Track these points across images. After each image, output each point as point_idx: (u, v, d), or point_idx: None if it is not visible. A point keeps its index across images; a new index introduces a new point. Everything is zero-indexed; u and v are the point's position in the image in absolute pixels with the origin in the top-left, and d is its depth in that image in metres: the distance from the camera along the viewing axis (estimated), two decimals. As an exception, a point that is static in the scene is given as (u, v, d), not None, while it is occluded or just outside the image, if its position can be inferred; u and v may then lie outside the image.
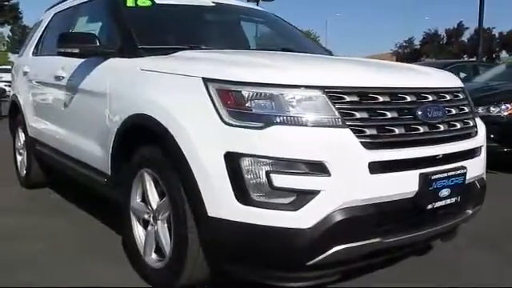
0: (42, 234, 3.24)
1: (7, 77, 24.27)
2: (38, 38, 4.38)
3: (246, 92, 1.95)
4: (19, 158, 4.69)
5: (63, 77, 3.30)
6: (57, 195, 4.29)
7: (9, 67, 33.31)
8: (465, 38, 50.34)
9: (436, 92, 2.25)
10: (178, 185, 2.13)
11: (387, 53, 50.47)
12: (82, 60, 3.02)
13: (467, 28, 49.62)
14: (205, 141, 1.99)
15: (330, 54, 3.56)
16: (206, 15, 3.38)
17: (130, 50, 2.69)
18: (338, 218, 1.88)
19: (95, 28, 3.19)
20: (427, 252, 2.83)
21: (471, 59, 26.66)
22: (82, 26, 3.43)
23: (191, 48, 2.73)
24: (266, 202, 1.89)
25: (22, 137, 4.55)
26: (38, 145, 4.01)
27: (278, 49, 3.06)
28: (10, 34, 67.38)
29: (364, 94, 2.00)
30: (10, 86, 20.38)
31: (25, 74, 4.30)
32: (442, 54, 43.31)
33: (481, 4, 14.95)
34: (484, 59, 19.77)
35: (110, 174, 2.72)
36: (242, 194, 1.90)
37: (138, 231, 2.54)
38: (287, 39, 3.51)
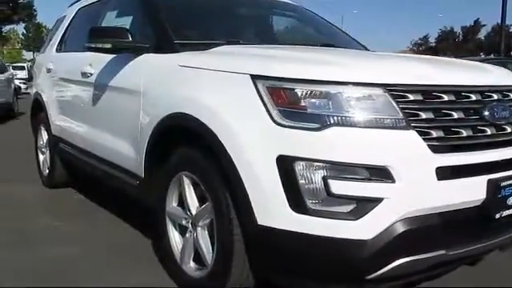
0: (70, 237, 3.13)
1: (22, 74, 24.49)
2: (61, 34, 4.26)
3: (300, 90, 1.79)
4: (41, 156, 4.59)
5: (91, 73, 3.17)
6: (81, 195, 4.18)
7: (23, 65, 33.66)
8: (481, 35, 49.65)
9: (500, 90, 2.07)
10: (223, 190, 1.98)
11: (403, 50, 49.88)
12: (112, 56, 2.88)
13: (484, 25, 48.92)
14: (254, 143, 1.84)
15: (366, 49, 3.40)
16: (241, 9, 3.22)
17: (165, 46, 2.54)
18: (402, 228, 1.71)
19: (125, 23, 3.04)
20: (478, 262, 2.65)
21: (488, 56, 26.18)
22: (111, 20, 3.29)
23: (229, 43, 2.57)
24: (323, 210, 1.73)
25: (44, 135, 4.44)
26: (62, 144, 3.89)
27: (317, 44, 2.89)
28: (25, 31, 68.03)
29: (428, 92, 1.83)
30: (24, 83, 20.49)
31: (48, 70, 4.19)
32: (458, 52, 42.76)
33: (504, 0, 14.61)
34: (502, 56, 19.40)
35: (142, 176, 2.58)
36: (296, 201, 1.75)
37: (175, 237, 2.39)
38: (324, 34, 3.33)
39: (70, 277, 2.53)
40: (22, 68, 29.88)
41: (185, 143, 2.23)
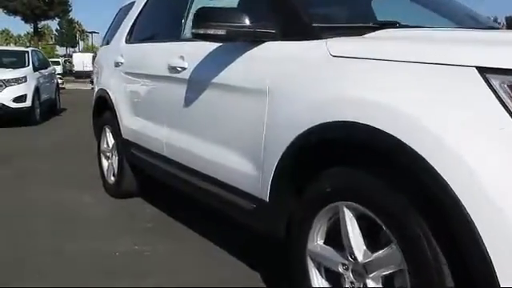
0: (162, 265, 2.59)
1: (57, 69, 24.68)
2: (131, 23, 3.70)
3: None
4: (105, 162, 4.07)
5: (183, 68, 2.60)
6: (154, 208, 3.65)
7: (58, 60, 34.11)
8: (526, 24, 47.32)
9: None
10: (427, 233, 1.37)
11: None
12: (216, 46, 2.31)
13: (531, 13, 46.64)
14: (496, 169, 1.22)
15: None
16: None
17: (299, 31, 1.94)
18: None
19: (227, 4, 2.45)
20: None
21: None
22: (203, 2, 2.70)
23: (385, 26, 1.95)
24: None
25: (110, 138, 3.93)
26: (136, 150, 3.36)
27: (484, 26, 2.24)
28: (58, 27, 69.22)
29: None
30: (60, 78, 20.79)
31: (117, 64, 3.65)
32: (504, 43, 40.93)
33: None
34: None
35: (266, 200, 1.99)
36: None
37: (320, 286, 1.80)
38: (473, 16, 2.67)
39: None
40: (57, 63, 30.24)
41: (350, 163, 1.63)
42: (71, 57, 46.01)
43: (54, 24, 64.52)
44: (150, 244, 2.89)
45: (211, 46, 2.34)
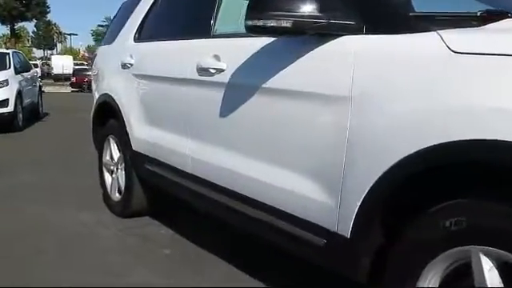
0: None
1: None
2: (141, 19, 3.23)
3: None
4: (109, 177, 3.59)
5: (219, 69, 2.16)
6: (169, 230, 3.19)
7: (36, 62, 33.16)
8: None
9: None
10: None
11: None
12: (269, 41, 1.88)
13: None
14: None
15: None
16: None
17: (392, 22, 1.53)
18: None
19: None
20: None
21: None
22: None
23: (494, 16, 1.55)
24: None
25: (114, 150, 3.46)
26: (151, 165, 2.90)
27: None
28: (35, 29, 67.71)
29: None
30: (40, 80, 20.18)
31: (125, 66, 3.17)
32: None
33: None
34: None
35: (346, 235, 1.58)
36: None
37: None
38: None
39: None
40: (35, 66, 29.24)
41: (491, 194, 1.22)
42: (49, 59, 44.92)
43: (30, 26, 63.07)
44: (172, 276, 2.46)
45: (260, 42, 1.92)
